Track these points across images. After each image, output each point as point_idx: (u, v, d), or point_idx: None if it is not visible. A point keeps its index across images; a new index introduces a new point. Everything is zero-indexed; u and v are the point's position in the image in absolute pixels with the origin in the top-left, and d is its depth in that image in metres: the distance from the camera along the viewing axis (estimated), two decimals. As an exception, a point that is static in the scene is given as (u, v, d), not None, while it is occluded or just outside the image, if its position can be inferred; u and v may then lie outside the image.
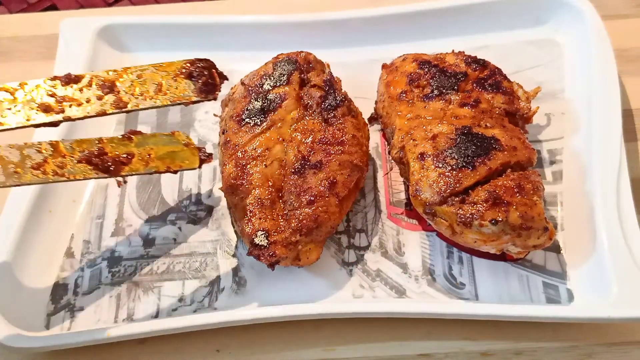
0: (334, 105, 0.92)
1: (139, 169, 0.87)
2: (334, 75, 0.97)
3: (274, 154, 0.89)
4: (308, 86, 0.95)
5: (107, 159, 0.85)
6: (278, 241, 0.84)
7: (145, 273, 0.92)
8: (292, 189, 0.87)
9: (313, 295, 0.88)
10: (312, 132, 0.90)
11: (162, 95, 0.81)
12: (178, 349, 0.87)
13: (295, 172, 0.88)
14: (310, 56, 0.98)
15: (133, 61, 1.11)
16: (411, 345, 0.86)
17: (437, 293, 0.88)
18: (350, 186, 0.88)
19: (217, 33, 1.11)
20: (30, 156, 0.82)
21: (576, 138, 0.98)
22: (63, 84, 0.80)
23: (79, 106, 0.79)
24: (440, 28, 1.10)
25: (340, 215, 0.88)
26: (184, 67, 0.83)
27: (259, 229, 0.85)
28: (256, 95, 0.93)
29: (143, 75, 0.82)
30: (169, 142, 0.90)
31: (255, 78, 0.95)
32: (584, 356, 0.85)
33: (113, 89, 0.80)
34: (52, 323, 0.88)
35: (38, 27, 1.19)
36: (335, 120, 0.91)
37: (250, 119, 0.91)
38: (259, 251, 0.84)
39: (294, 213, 0.86)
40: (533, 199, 0.82)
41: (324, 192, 0.86)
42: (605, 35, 1.02)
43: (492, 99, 0.93)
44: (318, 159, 0.88)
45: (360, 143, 0.91)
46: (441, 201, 0.83)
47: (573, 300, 0.86)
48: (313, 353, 0.86)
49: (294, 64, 0.95)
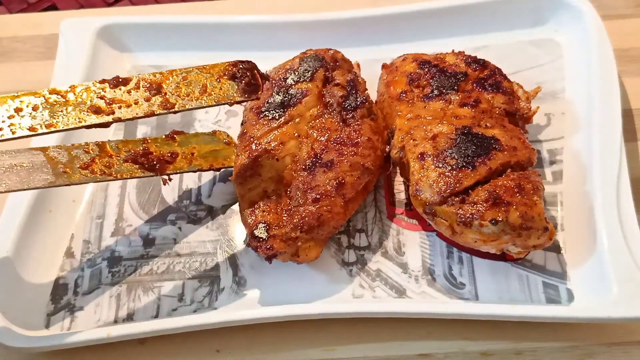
0: (354, 106, 0.92)
1: (182, 167, 0.92)
2: (359, 76, 0.97)
3: (288, 148, 0.89)
4: (331, 84, 0.95)
5: (153, 158, 0.90)
6: (277, 235, 0.85)
7: (145, 273, 0.92)
8: (300, 186, 0.87)
9: (313, 295, 0.88)
10: (329, 131, 0.90)
11: (207, 96, 0.83)
12: (178, 349, 0.87)
13: (305, 168, 0.88)
14: (338, 54, 0.98)
15: (133, 61, 1.12)
16: (411, 345, 0.86)
17: (437, 293, 0.88)
18: (358, 188, 0.88)
19: (217, 33, 1.11)
20: (79, 156, 0.87)
21: (576, 138, 0.98)
22: (111, 86, 0.82)
23: (127, 107, 0.81)
24: (440, 28, 1.10)
25: (345, 216, 0.88)
26: (227, 69, 0.84)
27: (261, 221, 0.85)
28: (278, 89, 0.94)
29: (188, 77, 0.84)
30: (211, 141, 0.96)
31: (281, 72, 0.96)
32: (584, 356, 0.85)
33: (160, 90, 0.82)
34: (52, 323, 0.88)
35: (38, 27, 1.19)
36: (353, 121, 0.91)
37: (269, 112, 0.92)
38: (257, 243, 0.85)
39: (298, 209, 0.85)
40: (533, 199, 0.82)
41: (331, 192, 0.86)
42: (605, 35, 1.02)
43: (492, 99, 0.93)
44: (330, 158, 0.88)
45: (375, 146, 0.91)
46: (441, 201, 0.83)
47: (573, 300, 0.86)
48: (313, 353, 0.86)
49: (321, 61, 0.96)
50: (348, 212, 0.89)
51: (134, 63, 1.12)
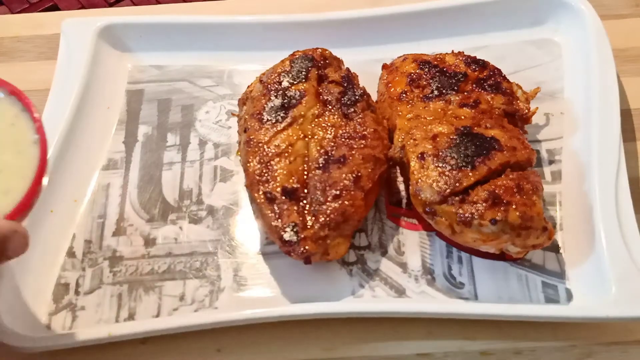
0: (354, 100, 0.93)
1: None
2: (351, 71, 0.98)
3: (297, 150, 0.89)
4: (326, 82, 0.96)
5: None
6: (308, 237, 0.84)
7: (147, 273, 0.92)
8: (317, 185, 0.87)
9: (313, 295, 0.88)
10: (334, 128, 0.91)
11: None
12: (179, 348, 0.87)
13: (319, 167, 0.88)
14: (326, 52, 0.99)
15: (134, 61, 1.12)
16: (411, 344, 0.86)
17: (437, 293, 0.88)
18: (375, 179, 0.89)
19: (217, 33, 1.11)
20: None
21: (575, 138, 0.98)
22: None
23: None
24: (440, 28, 1.10)
25: (366, 209, 0.89)
26: None
27: (287, 225, 0.85)
28: (275, 93, 0.94)
29: None
30: None
31: (274, 75, 0.96)
32: (583, 355, 0.85)
33: None
34: (54, 322, 0.88)
35: (39, 27, 1.19)
36: (355, 115, 0.92)
37: (271, 116, 0.92)
38: (290, 247, 0.85)
39: (321, 208, 0.86)
40: (532, 199, 0.83)
41: (350, 186, 0.86)
42: (604, 35, 1.02)
43: (492, 99, 0.93)
44: (341, 153, 0.88)
45: (381, 137, 0.92)
46: (441, 200, 0.83)
47: (572, 299, 0.86)
48: (313, 353, 0.86)
49: (311, 61, 0.96)
50: (368, 205, 0.89)
51: (135, 63, 1.12)
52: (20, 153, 0.70)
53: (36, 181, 0.68)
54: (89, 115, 1.02)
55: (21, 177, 0.69)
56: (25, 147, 0.71)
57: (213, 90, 1.09)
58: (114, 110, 1.06)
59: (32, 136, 0.71)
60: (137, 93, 1.09)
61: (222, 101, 1.08)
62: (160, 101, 1.08)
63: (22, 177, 0.69)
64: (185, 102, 1.08)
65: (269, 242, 0.93)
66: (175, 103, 1.08)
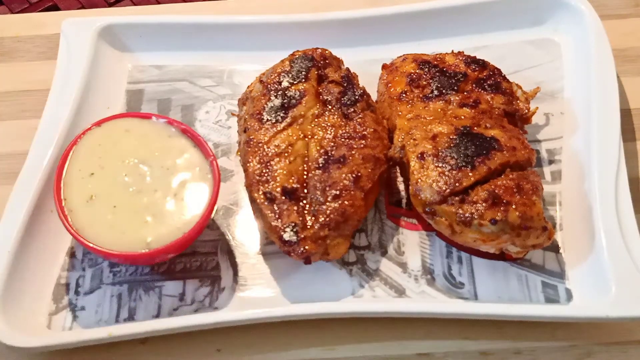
0: (354, 100, 0.93)
1: None
2: (351, 71, 0.98)
3: (297, 150, 0.90)
4: (326, 82, 0.96)
5: None
6: (307, 237, 0.84)
7: (147, 273, 0.92)
8: (317, 185, 0.87)
9: (313, 295, 0.88)
10: (333, 128, 0.91)
11: None
12: (179, 349, 0.87)
13: (319, 167, 0.88)
14: (326, 52, 0.99)
15: (134, 61, 1.12)
16: (411, 344, 0.86)
17: (437, 292, 0.88)
18: (375, 179, 0.89)
19: (217, 33, 1.11)
20: None
21: (575, 138, 0.98)
22: None
23: None
24: (440, 28, 1.10)
25: (366, 209, 0.89)
26: None
27: (287, 225, 0.85)
28: (275, 93, 0.94)
29: None
30: None
31: (273, 75, 0.96)
32: (583, 355, 0.85)
33: None
34: (54, 322, 0.88)
35: (39, 27, 1.19)
36: (355, 115, 0.92)
37: (271, 116, 0.92)
38: (290, 247, 0.85)
39: (321, 208, 0.86)
40: (532, 199, 0.83)
41: (349, 186, 0.86)
42: (604, 35, 1.03)
43: (492, 99, 0.93)
44: (341, 153, 0.89)
45: (381, 137, 0.92)
46: (441, 200, 0.83)
47: (572, 299, 0.87)
48: (313, 353, 0.86)
49: (311, 61, 0.97)
50: (368, 204, 0.89)
51: (134, 63, 1.12)
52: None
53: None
54: (89, 115, 1.02)
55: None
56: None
57: (213, 90, 1.09)
58: (114, 110, 1.06)
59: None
60: (137, 93, 1.09)
61: (222, 101, 1.08)
62: (160, 101, 1.08)
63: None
64: (185, 102, 1.08)
65: (269, 242, 0.93)
66: (175, 103, 1.08)
